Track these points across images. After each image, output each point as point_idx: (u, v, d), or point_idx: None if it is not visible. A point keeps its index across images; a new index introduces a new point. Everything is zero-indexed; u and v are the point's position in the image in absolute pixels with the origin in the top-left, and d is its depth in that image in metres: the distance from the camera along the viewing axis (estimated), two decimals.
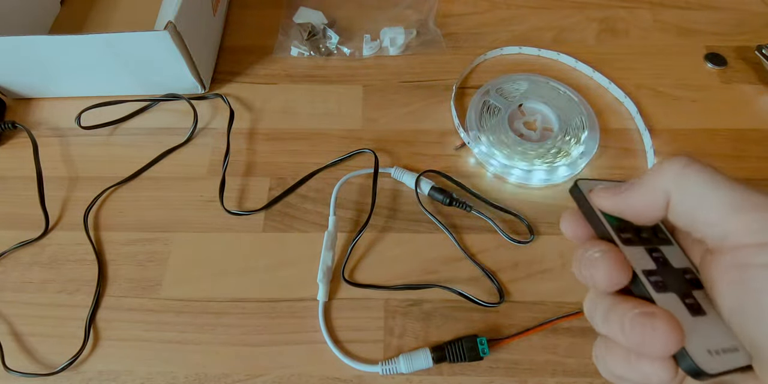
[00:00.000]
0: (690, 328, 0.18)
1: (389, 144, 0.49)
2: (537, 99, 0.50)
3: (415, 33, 0.56)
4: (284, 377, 0.38)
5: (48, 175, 0.47)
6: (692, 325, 0.18)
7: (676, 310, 0.18)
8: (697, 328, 0.18)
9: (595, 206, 0.21)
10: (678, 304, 0.19)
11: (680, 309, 0.19)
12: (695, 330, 0.18)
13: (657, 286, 0.19)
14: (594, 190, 0.21)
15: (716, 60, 0.54)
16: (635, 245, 0.20)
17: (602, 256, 0.19)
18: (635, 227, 0.21)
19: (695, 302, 0.19)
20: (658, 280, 0.19)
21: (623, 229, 0.21)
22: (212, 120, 0.51)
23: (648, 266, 0.20)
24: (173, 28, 0.44)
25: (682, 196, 0.19)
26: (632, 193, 0.20)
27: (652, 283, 0.19)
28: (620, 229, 0.21)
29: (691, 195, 0.19)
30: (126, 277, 0.42)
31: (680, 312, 0.19)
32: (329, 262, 0.41)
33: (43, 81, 0.50)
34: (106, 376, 0.38)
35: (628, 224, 0.21)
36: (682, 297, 0.19)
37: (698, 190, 0.18)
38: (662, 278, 0.19)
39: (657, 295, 0.19)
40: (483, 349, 0.37)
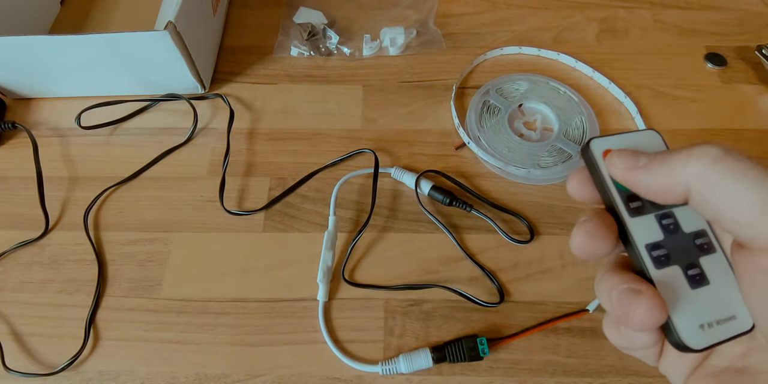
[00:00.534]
0: (686, 302, 0.18)
1: (389, 144, 0.49)
2: (537, 99, 0.50)
3: (415, 33, 0.56)
4: (284, 377, 0.38)
5: (48, 175, 0.47)
6: (690, 299, 0.18)
7: (675, 285, 0.19)
8: (694, 301, 0.18)
9: (605, 173, 0.20)
10: (679, 277, 0.19)
11: (680, 282, 0.19)
12: (692, 303, 0.18)
13: (659, 261, 0.19)
14: (609, 157, 0.19)
15: (716, 60, 0.54)
16: (644, 214, 0.20)
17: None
18: None
19: (699, 272, 0.19)
20: (662, 253, 0.19)
21: (633, 197, 0.20)
22: (212, 120, 0.51)
23: (654, 238, 0.19)
24: (173, 28, 0.44)
25: (706, 192, 0.17)
26: (650, 174, 0.19)
27: (653, 258, 0.19)
28: (630, 197, 0.20)
29: (717, 192, 0.17)
30: (126, 277, 0.42)
31: (679, 286, 0.19)
32: (329, 262, 0.41)
33: (43, 81, 0.50)
34: (106, 376, 0.38)
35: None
36: (686, 268, 0.19)
37: (727, 188, 0.17)
38: (667, 250, 0.19)
39: (656, 271, 0.19)
40: (483, 349, 0.37)
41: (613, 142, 0.21)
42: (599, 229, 0.19)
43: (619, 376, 0.37)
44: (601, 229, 0.19)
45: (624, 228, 0.19)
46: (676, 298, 0.18)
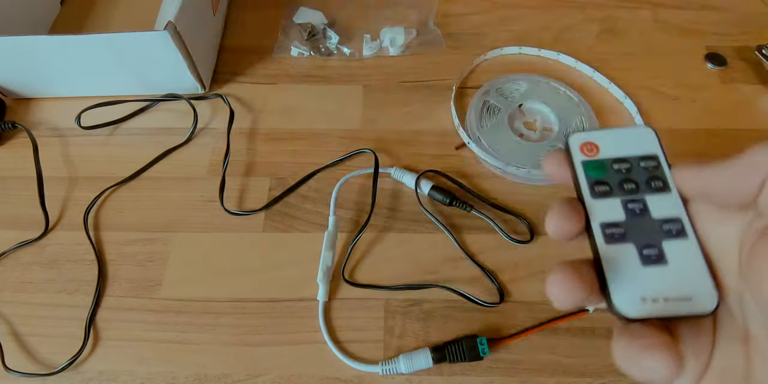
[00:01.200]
0: (630, 274, 0.19)
1: (389, 144, 0.49)
2: (537, 99, 0.50)
3: (415, 33, 0.56)
4: (284, 377, 0.38)
5: (48, 175, 0.47)
6: (636, 273, 0.19)
7: (623, 259, 0.19)
8: (642, 276, 0.19)
9: (576, 160, 0.21)
10: (630, 254, 0.19)
11: (630, 258, 0.19)
12: (637, 277, 0.19)
13: (611, 237, 0.19)
14: (675, 167, 0.20)
15: (716, 60, 0.54)
16: (608, 197, 0.20)
17: (551, 208, 0.19)
18: (623, 177, 0.21)
19: (657, 253, 0.19)
20: (617, 232, 0.20)
21: (602, 182, 0.20)
22: (212, 120, 0.51)
23: (612, 218, 0.20)
24: (173, 28, 0.44)
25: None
26: (721, 171, 0.18)
27: (606, 234, 0.20)
28: (598, 182, 0.21)
29: None
30: (126, 277, 0.42)
31: (628, 261, 0.19)
32: (329, 262, 0.41)
33: (43, 81, 0.50)
34: (106, 376, 0.38)
35: (615, 175, 0.21)
36: (642, 248, 0.19)
37: None
38: (624, 230, 0.20)
39: (606, 246, 0.19)
40: (483, 349, 0.37)
41: (595, 135, 0.22)
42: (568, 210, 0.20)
43: (619, 376, 0.37)
44: (570, 210, 0.20)
45: (585, 208, 0.20)
46: (619, 269, 0.19)
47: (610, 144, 0.21)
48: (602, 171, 0.21)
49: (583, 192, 0.21)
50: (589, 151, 0.21)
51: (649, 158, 0.21)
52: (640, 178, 0.21)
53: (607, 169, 0.21)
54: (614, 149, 0.21)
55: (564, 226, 0.20)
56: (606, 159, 0.21)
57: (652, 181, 0.20)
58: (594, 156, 0.21)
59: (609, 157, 0.21)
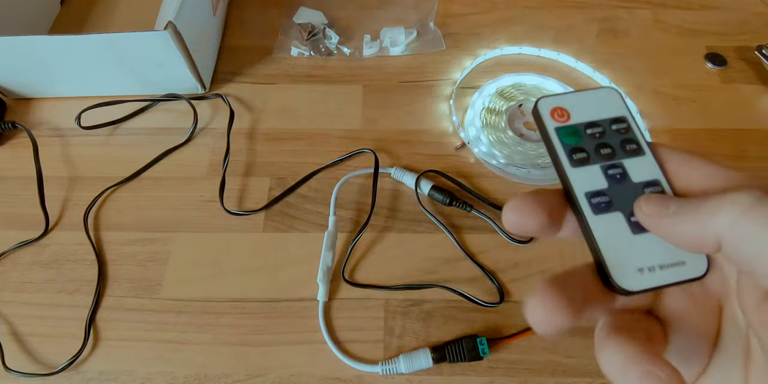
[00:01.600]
0: (624, 246, 0.18)
1: (389, 144, 0.49)
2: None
3: (415, 33, 0.56)
4: (284, 377, 0.38)
5: (48, 175, 0.47)
6: (629, 243, 0.19)
7: (616, 229, 0.19)
8: (635, 245, 0.19)
9: (549, 127, 0.20)
10: (619, 222, 0.19)
11: (620, 227, 0.19)
12: (631, 248, 0.18)
13: (598, 207, 0.19)
14: (637, 202, 0.19)
15: (716, 60, 0.54)
16: (588, 165, 0.20)
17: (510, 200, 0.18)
18: (598, 142, 0.20)
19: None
20: (603, 200, 0.19)
21: (578, 149, 0.20)
22: (212, 120, 0.51)
23: (596, 186, 0.19)
24: (173, 28, 0.44)
25: (738, 243, 0.16)
26: (679, 223, 0.18)
27: (592, 204, 0.19)
28: (575, 149, 0.20)
29: (750, 243, 0.16)
30: (126, 277, 0.42)
31: (619, 230, 0.19)
32: (329, 262, 0.41)
33: (43, 81, 0.50)
34: (106, 376, 0.38)
35: (590, 140, 0.20)
36: (630, 215, 0.19)
37: (760, 239, 0.16)
38: (609, 198, 0.19)
39: (594, 216, 0.19)
40: (483, 349, 0.37)
41: (563, 100, 0.21)
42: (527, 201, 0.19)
43: None
44: (529, 202, 0.19)
45: (566, 178, 0.20)
46: (614, 241, 0.19)
47: (579, 108, 0.21)
48: (577, 137, 0.20)
49: (562, 161, 0.20)
50: (560, 116, 0.21)
51: (619, 120, 0.21)
52: (615, 142, 0.20)
53: (581, 135, 0.20)
54: (584, 113, 0.21)
55: (523, 220, 0.19)
56: (578, 123, 0.21)
57: (626, 144, 0.20)
58: (566, 121, 0.21)
59: (581, 121, 0.21)
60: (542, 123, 0.21)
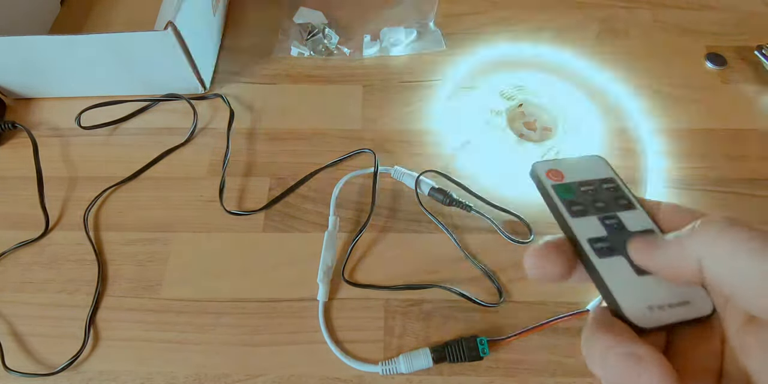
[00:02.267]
0: (632, 286, 0.20)
1: (389, 144, 0.49)
2: (537, 99, 0.50)
3: (415, 33, 0.56)
4: (284, 377, 0.38)
5: (48, 175, 0.47)
6: (636, 283, 0.20)
7: (621, 272, 0.20)
8: (641, 285, 0.20)
9: (547, 185, 0.23)
10: (624, 266, 0.20)
11: (625, 270, 0.20)
12: (638, 287, 0.19)
13: (601, 251, 0.20)
14: (630, 241, 0.21)
15: (716, 60, 0.54)
16: (587, 216, 0.22)
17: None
18: (592, 198, 0.22)
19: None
20: (604, 245, 0.20)
21: (576, 202, 0.22)
22: (212, 120, 0.51)
23: (596, 234, 0.21)
24: (173, 28, 0.44)
25: (715, 266, 0.17)
26: (664, 253, 0.19)
27: (596, 249, 0.20)
28: (572, 202, 0.22)
29: (726, 266, 0.17)
30: (126, 277, 0.42)
31: (624, 272, 0.20)
32: (329, 262, 0.41)
33: (43, 81, 0.50)
34: (106, 376, 0.38)
35: (585, 196, 0.22)
36: (630, 259, 0.20)
37: (734, 262, 0.16)
38: (610, 244, 0.21)
39: (599, 260, 0.20)
40: (483, 349, 0.37)
41: (556, 164, 0.24)
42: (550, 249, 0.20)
43: None
44: (551, 251, 0.20)
45: (568, 227, 0.21)
46: (621, 281, 0.20)
47: (572, 171, 0.23)
48: (572, 193, 0.23)
49: (562, 213, 0.22)
50: (555, 176, 0.23)
51: (609, 181, 0.23)
52: (608, 198, 0.22)
53: (576, 191, 0.23)
54: (576, 175, 0.23)
55: (545, 267, 0.20)
56: (573, 182, 0.23)
57: (618, 200, 0.22)
58: (561, 180, 0.23)
59: (574, 180, 0.23)
60: (540, 182, 0.23)
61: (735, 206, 0.45)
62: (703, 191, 0.46)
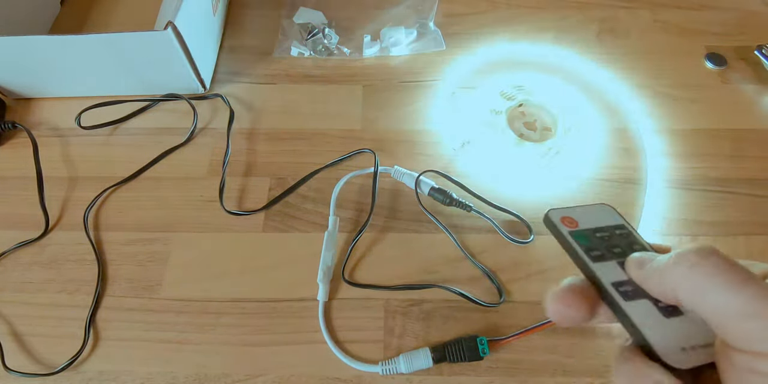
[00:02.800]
0: (663, 328, 0.20)
1: (389, 144, 0.49)
2: (537, 99, 0.50)
3: (415, 33, 0.56)
4: (284, 377, 0.38)
5: (48, 175, 0.47)
6: (666, 326, 0.20)
7: (649, 315, 0.20)
8: (671, 328, 0.20)
9: (564, 231, 0.23)
10: (650, 308, 0.20)
11: (653, 313, 0.20)
12: (669, 330, 0.20)
13: (626, 295, 0.21)
14: (629, 258, 0.22)
15: (716, 60, 0.54)
16: (606, 260, 0.22)
17: (551, 293, 0.20)
18: (608, 243, 0.23)
19: (670, 304, 0.20)
20: (628, 289, 0.21)
21: (593, 248, 0.23)
22: (212, 120, 0.51)
23: (618, 278, 0.21)
24: (173, 28, 0.44)
25: (691, 296, 0.18)
26: (649, 277, 0.20)
27: (621, 293, 0.21)
28: (590, 248, 0.23)
29: (698, 298, 0.18)
30: (126, 277, 0.42)
31: (653, 316, 0.20)
32: (329, 262, 0.41)
33: (43, 81, 0.50)
34: (106, 376, 0.38)
35: (601, 242, 0.23)
36: (655, 301, 0.20)
37: (706, 294, 0.18)
38: (634, 287, 0.21)
39: (626, 303, 0.20)
40: (483, 349, 0.37)
41: (568, 211, 0.24)
42: (572, 294, 0.21)
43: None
44: (573, 295, 0.21)
45: (591, 272, 0.22)
46: (652, 324, 0.20)
47: (584, 218, 0.24)
48: (589, 239, 0.23)
49: (583, 258, 0.22)
50: (570, 223, 0.24)
51: (621, 228, 0.24)
52: (623, 244, 0.23)
53: (592, 238, 0.23)
54: (589, 222, 0.24)
55: (568, 313, 0.21)
56: (588, 229, 0.24)
57: (633, 245, 0.23)
58: (576, 227, 0.24)
59: (589, 227, 0.24)
60: (556, 228, 0.24)
61: (735, 206, 0.45)
62: (703, 191, 0.46)
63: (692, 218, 0.45)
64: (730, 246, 0.43)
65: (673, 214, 0.45)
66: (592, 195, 0.46)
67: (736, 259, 0.18)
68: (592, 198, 0.45)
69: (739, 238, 0.44)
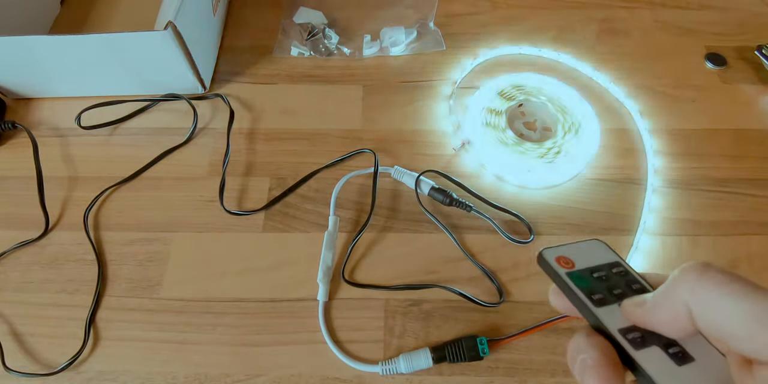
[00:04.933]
0: (676, 377, 0.18)
1: (389, 144, 0.49)
2: (537, 99, 0.50)
3: (415, 33, 0.56)
4: (284, 377, 0.38)
5: (48, 175, 0.47)
6: (681, 376, 0.19)
7: (661, 363, 0.19)
8: (685, 378, 0.19)
9: (561, 273, 0.22)
10: (662, 356, 0.19)
11: (665, 360, 0.19)
12: (682, 379, 0.18)
13: (635, 343, 0.19)
14: (623, 305, 0.21)
15: (716, 60, 0.54)
16: (609, 304, 0.21)
17: (594, 366, 0.19)
18: (607, 284, 0.22)
19: (680, 350, 0.19)
20: (636, 336, 0.20)
21: (594, 291, 0.22)
22: (212, 120, 0.51)
23: (624, 323, 0.20)
24: (173, 28, 0.44)
25: (702, 310, 0.18)
26: (655, 310, 0.19)
27: (630, 341, 0.20)
28: (591, 291, 0.22)
29: (711, 308, 0.17)
30: (126, 277, 0.42)
31: (666, 363, 0.19)
32: (329, 262, 0.41)
33: (43, 81, 0.50)
34: (106, 376, 0.38)
35: (600, 283, 0.22)
36: (665, 347, 0.19)
37: (718, 304, 0.17)
38: (641, 333, 0.20)
39: (637, 352, 0.19)
40: (483, 349, 0.37)
41: (562, 250, 0.23)
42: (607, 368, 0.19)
43: None
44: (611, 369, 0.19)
45: (597, 320, 0.21)
46: (664, 374, 0.19)
47: (579, 256, 0.23)
48: (587, 281, 0.22)
49: (586, 303, 0.21)
50: (566, 264, 0.23)
51: (616, 265, 0.23)
52: (622, 284, 0.22)
53: (590, 279, 0.22)
54: (585, 260, 0.23)
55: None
56: (584, 268, 0.23)
57: (632, 284, 0.22)
58: (573, 268, 0.23)
59: (585, 267, 0.23)
60: (551, 269, 0.23)
61: (735, 206, 0.45)
62: (703, 191, 0.46)
63: (692, 218, 0.45)
64: (730, 246, 0.43)
65: (673, 214, 0.45)
66: (592, 195, 0.46)
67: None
68: (592, 198, 0.45)
69: (739, 238, 0.44)
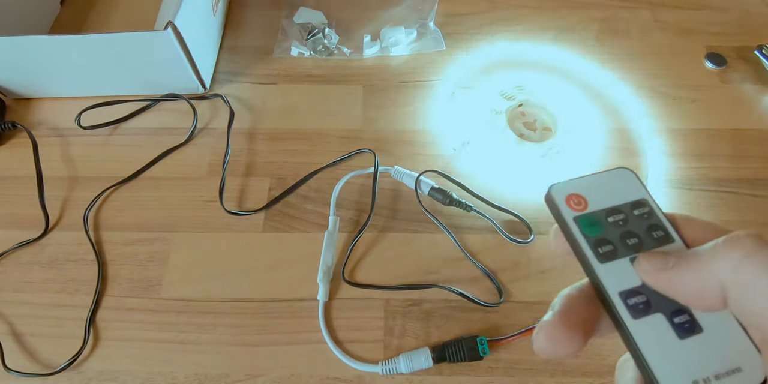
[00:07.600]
0: (673, 355, 0.16)
1: (389, 144, 0.49)
2: (537, 99, 0.50)
3: (415, 33, 0.56)
4: (284, 377, 0.38)
5: (48, 175, 0.47)
6: (678, 351, 0.16)
7: (659, 335, 0.17)
8: (684, 353, 0.16)
9: (567, 217, 0.19)
10: (663, 326, 0.17)
11: (664, 333, 0.17)
12: (681, 357, 0.16)
13: (636, 309, 0.17)
14: (637, 261, 0.18)
15: (716, 60, 0.54)
16: (618, 258, 0.18)
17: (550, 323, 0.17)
18: (622, 231, 0.18)
19: (689, 319, 0.17)
20: (640, 301, 0.17)
21: (603, 241, 0.18)
22: (212, 120, 0.51)
23: (630, 284, 0.17)
24: (173, 28, 0.44)
25: (742, 292, 0.15)
26: (681, 276, 0.16)
27: (629, 306, 0.17)
28: (599, 241, 0.18)
29: (758, 296, 0.14)
30: (126, 277, 0.42)
31: (664, 336, 0.17)
32: (329, 262, 0.41)
33: (43, 81, 0.50)
34: (106, 376, 0.38)
35: (614, 230, 0.19)
36: (671, 315, 0.17)
37: (764, 290, 0.14)
38: (646, 297, 0.17)
39: (634, 322, 0.17)
40: (483, 349, 0.37)
41: (577, 185, 0.19)
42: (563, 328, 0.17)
43: None
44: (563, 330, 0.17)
45: (595, 277, 0.18)
46: (660, 349, 0.16)
47: (596, 193, 0.19)
48: (599, 227, 0.19)
49: (587, 257, 0.18)
50: (576, 204, 0.19)
51: (640, 204, 0.19)
52: (640, 230, 0.19)
53: (603, 225, 0.19)
54: (602, 199, 0.19)
55: (556, 349, 0.17)
56: (598, 211, 0.19)
57: (653, 231, 0.18)
58: (584, 210, 0.19)
59: (600, 208, 0.19)
60: (559, 212, 0.19)
61: (735, 206, 0.45)
62: (703, 191, 0.46)
63: None
64: None
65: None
66: None
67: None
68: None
69: None
